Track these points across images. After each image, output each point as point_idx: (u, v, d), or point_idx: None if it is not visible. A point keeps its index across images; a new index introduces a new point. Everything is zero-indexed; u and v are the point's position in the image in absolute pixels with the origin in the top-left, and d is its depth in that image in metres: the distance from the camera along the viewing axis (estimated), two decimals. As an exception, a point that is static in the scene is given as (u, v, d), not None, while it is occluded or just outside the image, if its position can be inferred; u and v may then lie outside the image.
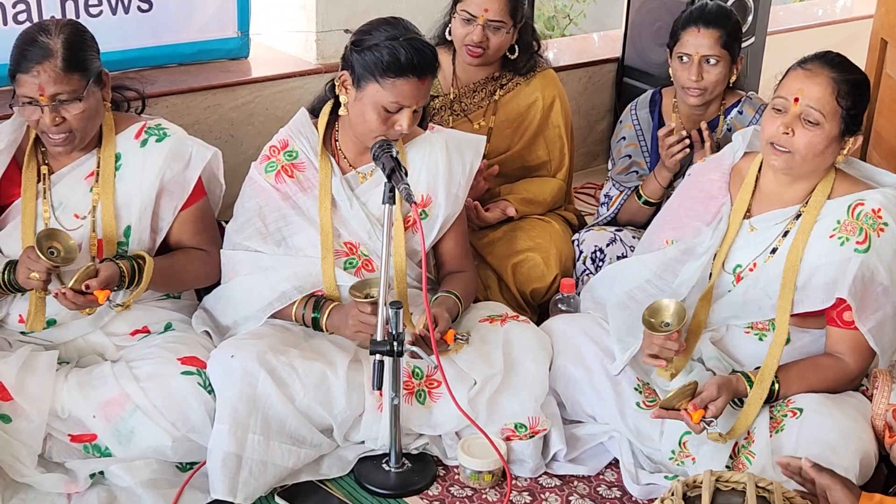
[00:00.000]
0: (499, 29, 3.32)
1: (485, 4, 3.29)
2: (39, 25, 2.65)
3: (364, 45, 2.72)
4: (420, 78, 2.70)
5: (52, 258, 2.57)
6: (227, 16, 3.96)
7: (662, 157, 3.26)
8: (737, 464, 2.57)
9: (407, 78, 2.68)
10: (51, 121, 2.59)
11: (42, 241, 2.57)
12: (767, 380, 2.59)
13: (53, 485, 2.55)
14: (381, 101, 2.70)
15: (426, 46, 2.73)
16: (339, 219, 2.87)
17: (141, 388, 2.60)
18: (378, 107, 2.71)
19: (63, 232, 2.64)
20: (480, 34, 3.31)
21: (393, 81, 2.68)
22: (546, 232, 3.40)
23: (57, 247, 2.59)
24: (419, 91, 2.71)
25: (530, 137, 3.54)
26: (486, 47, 3.34)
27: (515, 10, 3.33)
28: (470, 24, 3.32)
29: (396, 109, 2.72)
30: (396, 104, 2.71)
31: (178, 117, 3.57)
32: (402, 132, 2.74)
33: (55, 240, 2.61)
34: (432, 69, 2.74)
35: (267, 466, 2.57)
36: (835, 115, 2.56)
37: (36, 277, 2.56)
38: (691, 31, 3.23)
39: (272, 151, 2.91)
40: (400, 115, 2.72)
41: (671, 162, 3.25)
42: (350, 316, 2.69)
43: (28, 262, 2.57)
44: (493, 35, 3.33)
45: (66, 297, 2.53)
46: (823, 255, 2.62)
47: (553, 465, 2.77)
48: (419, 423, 2.75)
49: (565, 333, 2.88)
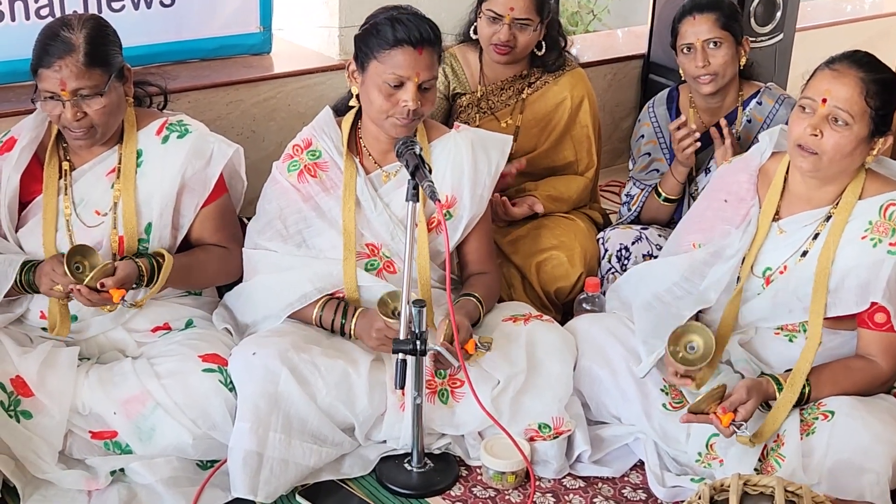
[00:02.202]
0: (526, 27, 3.29)
1: (511, 3, 3.25)
2: (62, 20, 2.65)
3: (364, 29, 2.74)
4: (416, 47, 2.67)
5: (78, 274, 2.56)
6: (250, 11, 3.96)
7: (675, 151, 3.25)
8: (766, 466, 2.53)
9: (402, 48, 2.67)
10: (72, 116, 2.59)
11: (70, 256, 2.57)
12: (798, 383, 2.55)
13: (74, 481, 2.55)
14: (382, 76, 2.69)
15: (424, 20, 2.72)
16: (361, 220, 2.85)
17: (162, 386, 2.59)
18: (381, 84, 2.70)
19: (92, 249, 2.63)
20: (507, 33, 3.29)
21: (389, 53, 2.68)
22: (571, 230, 3.37)
23: (83, 262, 2.59)
24: (417, 61, 2.68)
25: (557, 137, 3.51)
26: (513, 45, 3.31)
27: (542, 7, 3.30)
28: (496, 24, 3.29)
29: (397, 83, 2.69)
30: (396, 76, 2.68)
31: (199, 113, 3.56)
32: (410, 109, 2.70)
33: (81, 255, 2.60)
34: (430, 40, 2.71)
35: (288, 465, 2.56)
36: (863, 115, 2.52)
37: (59, 290, 2.56)
38: (688, 22, 3.25)
39: (295, 150, 2.89)
40: (403, 91, 2.70)
41: (683, 156, 3.24)
42: (374, 329, 2.67)
43: (53, 274, 2.57)
44: (521, 33, 3.30)
45: (80, 294, 2.53)
46: (855, 257, 2.59)
47: (577, 467, 2.75)
48: (442, 423, 2.73)
49: (590, 333, 2.86)
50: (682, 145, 3.22)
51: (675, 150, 3.25)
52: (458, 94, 3.54)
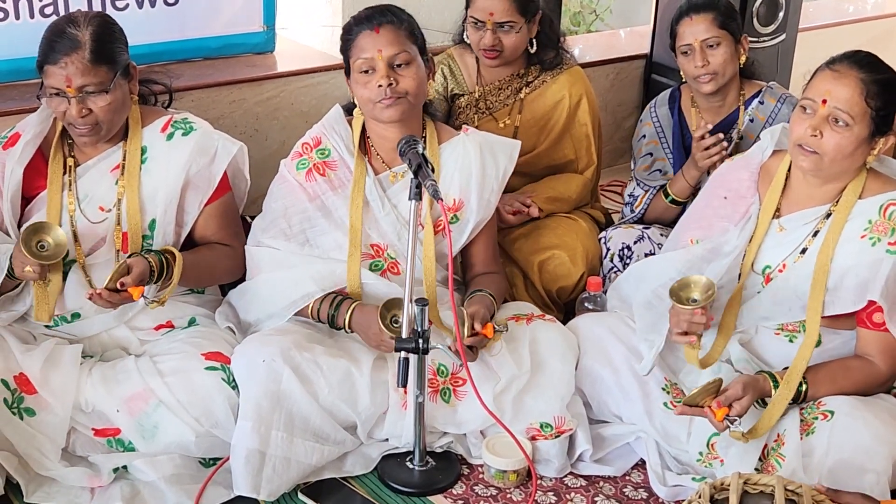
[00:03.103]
0: (509, 30, 3.29)
1: (489, 8, 3.25)
2: (69, 17, 2.66)
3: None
4: (371, 28, 2.75)
5: (42, 252, 2.56)
6: (253, 10, 3.97)
7: (697, 158, 3.24)
8: (766, 466, 2.54)
9: (361, 33, 2.77)
10: (77, 112, 2.59)
11: (30, 237, 2.56)
12: (794, 381, 2.56)
13: (77, 478, 2.56)
14: (355, 67, 2.77)
15: (384, 5, 2.81)
16: (369, 220, 2.86)
17: (165, 383, 2.60)
18: (358, 76, 2.78)
19: (50, 224, 2.62)
20: (491, 38, 3.28)
21: (353, 43, 2.78)
22: (572, 230, 3.37)
23: (47, 240, 2.58)
24: (376, 40, 2.74)
25: (556, 136, 3.50)
26: (500, 49, 3.31)
27: (524, 7, 3.28)
28: (480, 30, 3.30)
29: (368, 67, 2.75)
30: (363, 60, 2.75)
31: (203, 112, 3.57)
32: (384, 86, 2.72)
33: (43, 232, 2.58)
34: (388, 19, 2.77)
35: (290, 463, 2.57)
36: (864, 116, 2.53)
37: (30, 271, 2.56)
38: (685, 23, 3.26)
39: (304, 149, 2.90)
40: (375, 74, 2.74)
41: (706, 164, 3.22)
42: (371, 332, 2.68)
43: (20, 256, 2.56)
44: (505, 36, 3.30)
45: (101, 298, 2.53)
46: (854, 255, 2.59)
47: (579, 466, 2.75)
48: (444, 422, 2.74)
49: (592, 332, 2.86)
50: (709, 153, 3.21)
51: (698, 157, 3.23)
52: (456, 95, 3.54)
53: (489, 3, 3.25)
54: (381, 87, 2.72)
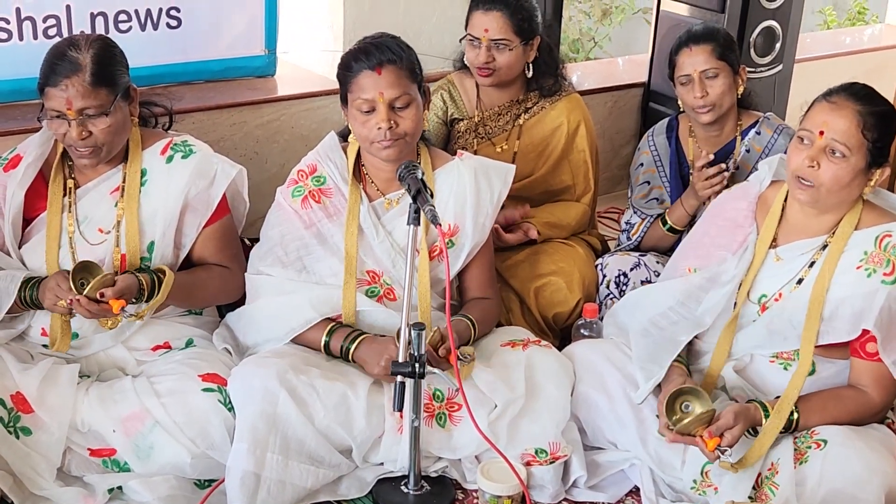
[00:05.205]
0: (504, 47, 3.31)
1: (485, 25, 3.29)
2: (70, 40, 2.68)
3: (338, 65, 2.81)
4: (374, 68, 2.71)
5: (82, 290, 2.56)
6: (255, 33, 3.98)
7: (697, 187, 3.25)
8: (760, 494, 2.54)
9: (362, 72, 2.73)
10: (77, 135, 2.61)
11: (75, 273, 2.58)
12: (786, 410, 2.56)
13: (72, 498, 2.56)
14: (354, 105, 2.75)
15: (386, 43, 2.75)
16: (364, 247, 2.86)
17: (161, 404, 2.60)
18: (356, 113, 2.76)
19: (97, 266, 2.63)
20: (485, 55, 3.31)
21: (354, 81, 2.74)
22: (569, 256, 3.38)
23: (88, 279, 2.58)
24: (377, 82, 2.71)
25: (554, 162, 3.52)
26: (493, 67, 3.33)
27: (521, 28, 3.31)
28: (476, 47, 3.33)
29: (368, 108, 2.73)
30: (363, 101, 2.73)
31: (203, 134, 3.58)
32: (384, 129, 2.71)
33: (87, 272, 2.60)
34: (390, 59, 2.73)
35: (285, 486, 2.57)
36: (860, 147, 2.54)
37: (63, 305, 2.57)
38: (684, 53, 3.28)
39: (300, 176, 2.91)
40: (376, 114, 2.73)
41: (707, 193, 3.23)
42: (384, 358, 2.65)
43: (57, 290, 2.58)
44: (499, 54, 3.32)
45: (80, 304, 2.54)
46: (850, 286, 2.60)
47: (573, 492, 2.75)
48: (439, 446, 2.74)
49: (587, 359, 2.87)
50: (710, 182, 3.22)
51: (698, 186, 3.24)
52: (455, 119, 3.56)
53: (485, 20, 3.29)
54: (380, 129, 2.73)
